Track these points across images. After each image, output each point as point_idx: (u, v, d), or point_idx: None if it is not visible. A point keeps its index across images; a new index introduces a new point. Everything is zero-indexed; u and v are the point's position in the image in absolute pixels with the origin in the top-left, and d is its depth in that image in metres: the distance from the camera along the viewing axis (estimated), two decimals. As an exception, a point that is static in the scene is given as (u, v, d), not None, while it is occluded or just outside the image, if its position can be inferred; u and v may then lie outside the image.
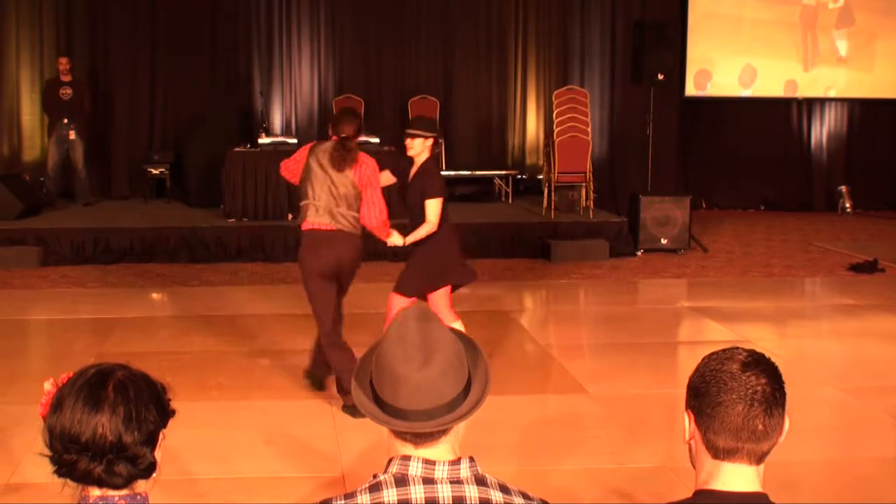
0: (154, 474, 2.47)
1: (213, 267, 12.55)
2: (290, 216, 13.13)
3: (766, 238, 15.27)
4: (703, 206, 17.53)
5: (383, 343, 2.44)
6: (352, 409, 7.15)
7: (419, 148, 7.60)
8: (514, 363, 8.59)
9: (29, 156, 15.86)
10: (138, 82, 16.14)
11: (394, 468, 2.42)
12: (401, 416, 2.40)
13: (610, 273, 12.67)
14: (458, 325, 7.58)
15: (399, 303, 7.65)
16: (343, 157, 7.32)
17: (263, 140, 13.82)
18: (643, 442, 6.79)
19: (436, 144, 7.85)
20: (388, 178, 7.85)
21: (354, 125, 7.44)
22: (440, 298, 7.69)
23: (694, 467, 2.54)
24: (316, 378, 7.91)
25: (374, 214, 7.39)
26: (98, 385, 2.41)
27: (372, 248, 9.07)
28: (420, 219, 7.57)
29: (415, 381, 2.37)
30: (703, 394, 2.46)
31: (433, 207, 7.53)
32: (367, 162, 7.41)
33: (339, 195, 7.34)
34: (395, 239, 7.59)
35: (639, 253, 13.71)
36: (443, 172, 16.06)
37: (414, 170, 7.68)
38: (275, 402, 7.81)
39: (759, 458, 2.44)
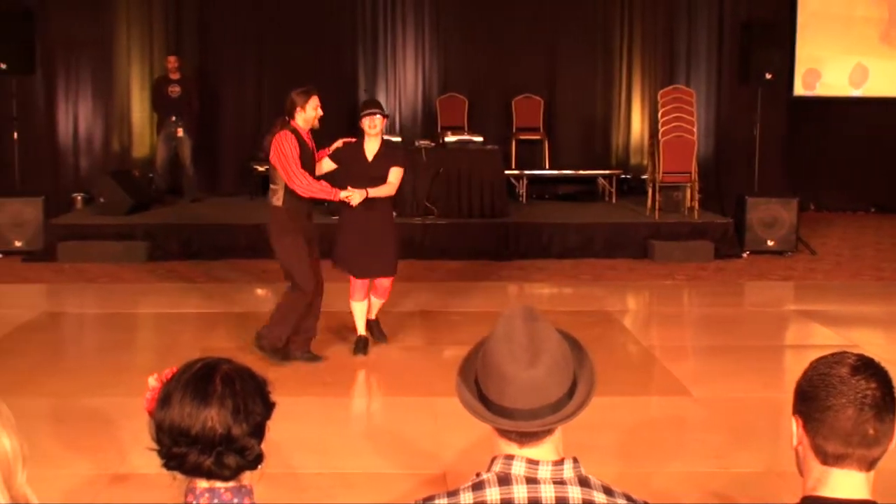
0: (261, 466, 2.50)
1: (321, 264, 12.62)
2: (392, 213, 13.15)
3: (877, 241, 14.99)
4: (811, 207, 17.23)
5: (490, 342, 2.44)
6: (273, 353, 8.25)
7: (381, 126, 8.36)
8: (616, 364, 8.52)
9: (138, 152, 16.12)
10: (245, 80, 16.33)
11: (497, 467, 2.42)
12: (506, 415, 2.39)
13: (715, 275, 12.53)
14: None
15: (385, 283, 8.74)
16: (267, 139, 8.21)
17: (368, 138, 13.88)
18: (748, 446, 6.69)
19: None
20: (327, 164, 8.56)
21: (286, 103, 8.24)
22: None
23: (801, 473, 2.50)
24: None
25: (294, 185, 8.04)
26: (205, 378, 2.44)
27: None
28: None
29: (521, 381, 2.37)
30: (811, 398, 2.42)
31: (398, 175, 8.34)
32: (276, 141, 8.06)
33: (270, 172, 8.35)
34: (355, 197, 8.19)
35: (744, 255, 13.54)
36: (546, 172, 16.17)
37: (376, 148, 8.42)
38: (377, 398, 7.87)
39: (869, 465, 2.39)
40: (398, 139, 13.98)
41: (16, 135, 13.88)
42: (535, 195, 15.72)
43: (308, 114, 8.14)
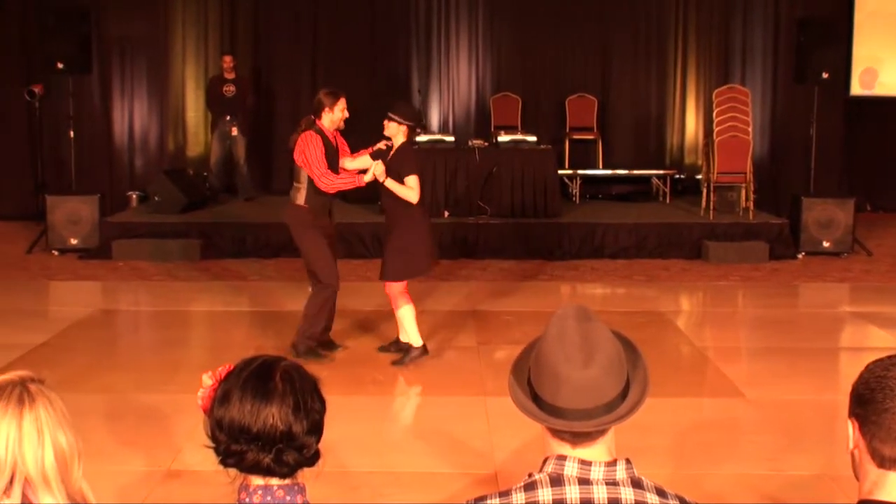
0: (318, 463, 2.50)
1: (370, 263, 12.62)
2: (445, 213, 13.18)
3: (934, 242, 14.83)
4: (868, 208, 17.04)
5: (543, 342, 2.44)
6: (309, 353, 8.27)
7: (393, 130, 8.32)
8: (669, 365, 8.49)
9: (193, 151, 16.22)
10: (299, 80, 16.36)
11: (549, 467, 2.41)
12: (560, 415, 2.39)
13: (769, 276, 12.43)
14: (411, 309, 8.35)
15: (397, 289, 8.38)
16: (293, 138, 8.36)
17: (421, 138, 13.86)
18: (802, 449, 6.64)
19: (412, 132, 8.65)
20: (364, 161, 8.52)
21: (314, 103, 8.38)
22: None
23: (857, 477, 2.47)
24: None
25: (319, 183, 8.25)
26: (265, 376, 2.45)
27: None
28: (392, 197, 8.23)
29: (576, 381, 2.36)
30: (868, 401, 2.38)
31: (412, 181, 8.19)
32: (302, 140, 8.24)
33: (293, 170, 8.51)
34: (378, 168, 8.14)
35: (800, 255, 13.42)
36: (600, 171, 16.09)
37: (391, 154, 8.35)
38: (429, 398, 7.87)
39: (926, 469, 2.36)
40: (451, 139, 14.01)
41: (72, 133, 14.03)
42: (588, 195, 15.66)
43: (335, 115, 8.32)
